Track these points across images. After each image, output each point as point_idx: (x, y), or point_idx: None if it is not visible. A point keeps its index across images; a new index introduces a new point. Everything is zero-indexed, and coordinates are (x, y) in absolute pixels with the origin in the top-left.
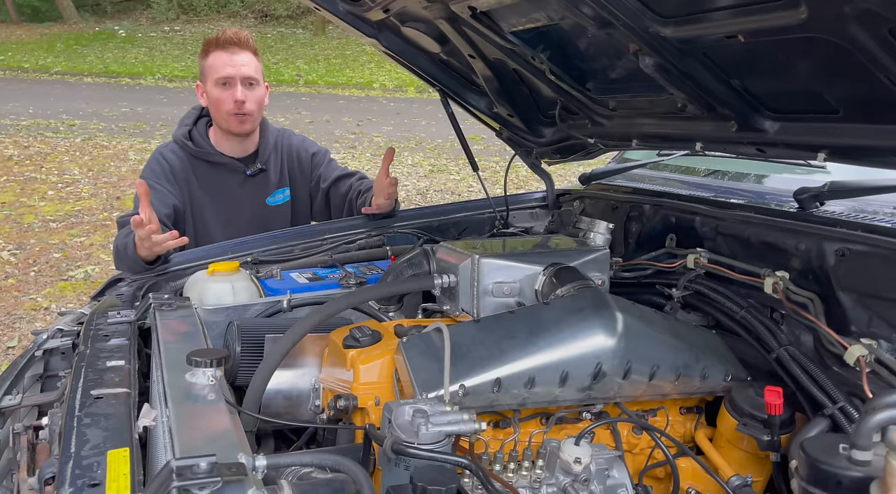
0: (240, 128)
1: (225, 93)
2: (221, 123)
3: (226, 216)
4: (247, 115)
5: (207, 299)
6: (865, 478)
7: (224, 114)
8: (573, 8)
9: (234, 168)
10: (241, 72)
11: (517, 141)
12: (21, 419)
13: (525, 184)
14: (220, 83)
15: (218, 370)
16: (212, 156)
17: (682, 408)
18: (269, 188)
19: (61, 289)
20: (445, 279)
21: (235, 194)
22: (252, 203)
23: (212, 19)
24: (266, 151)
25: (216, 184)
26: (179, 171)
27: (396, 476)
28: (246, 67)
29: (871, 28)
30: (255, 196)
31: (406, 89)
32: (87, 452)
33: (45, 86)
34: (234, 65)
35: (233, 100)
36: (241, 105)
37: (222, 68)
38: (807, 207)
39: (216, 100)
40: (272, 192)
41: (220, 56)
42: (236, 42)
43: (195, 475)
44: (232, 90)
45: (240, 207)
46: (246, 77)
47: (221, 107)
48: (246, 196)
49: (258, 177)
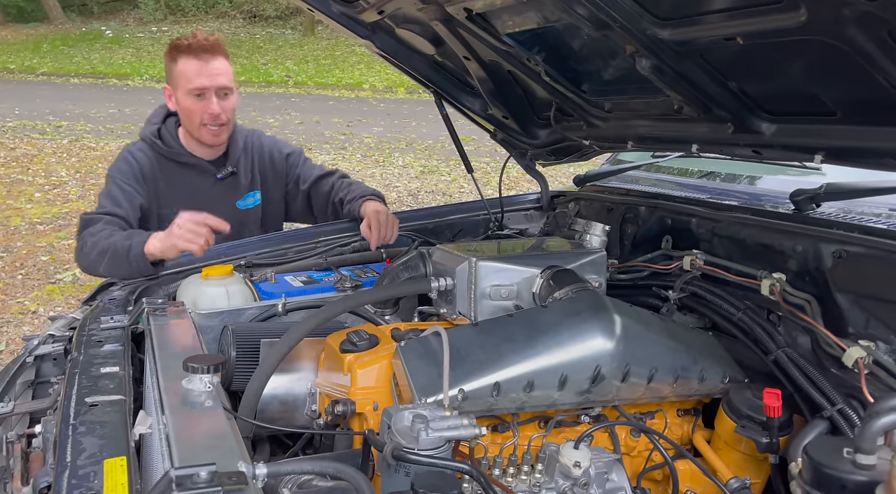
0: (214, 140)
1: (199, 104)
2: (193, 133)
3: None
4: (222, 127)
5: (201, 303)
6: (870, 482)
7: (197, 126)
8: (570, 10)
9: (204, 169)
10: (216, 82)
11: (512, 142)
12: (13, 427)
13: (516, 184)
14: (194, 94)
15: (215, 376)
16: (182, 156)
17: (679, 411)
18: (240, 191)
19: (49, 293)
20: (442, 282)
21: (205, 197)
22: (222, 207)
23: (200, 19)
24: (236, 153)
25: (186, 186)
26: (148, 171)
27: (396, 483)
28: (221, 77)
29: (871, 30)
30: (226, 199)
31: (396, 90)
32: (83, 461)
33: (32, 87)
34: (209, 75)
35: (207, 113)
36: (217, 117)
37: (196, 78)
38: (803, 209)
39: (189, 111)
40: (242, 196)
41: (192, 64)
42: (209, 48)
43: (195, 484)
44: (206, 102)
45: (210, 210)
46: (221, 87)
47: (194, 118)
48: (216, 199)
49: (228, 181)
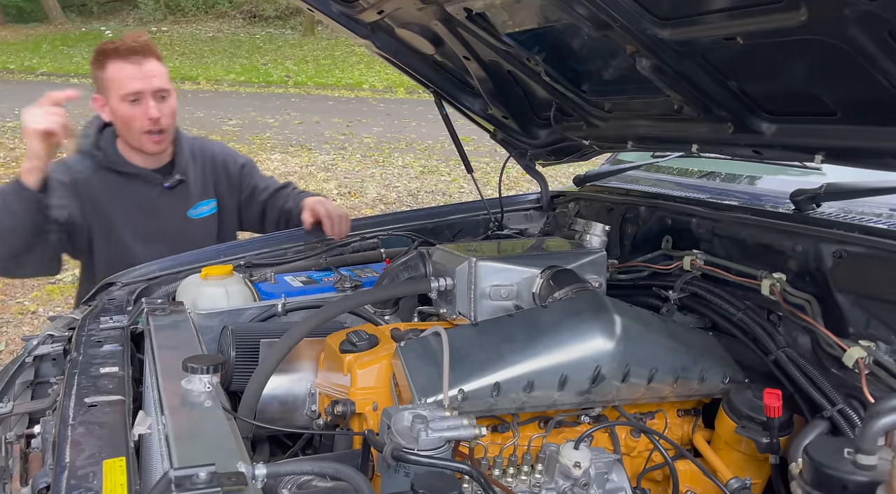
0: (156, 148)
1: (136, 109)
2: (132, 142)
3: (144, 231)
4: (163, 132)
5: (201, 303)
6: (870, 482)
7: (136, 133)
8: (570, 10)
9: (149, 179)
10: (152, 85)
11: (511, 142)
12: (12, 427)
13: (515, 184)
14: (129, 99)
15: (214, 376)
16: (123, 166)
17: (679, 411)
18: (191, 200)
19: (49, 293)
20: (442, 282)
21: (153, 208)
22: (173, 217)
23: (199, 20)
24: (183, 161)
25: (130, 198)
26: (83, 184)
27: (396, 483)
28: (157, 78)
29: (872, 30)
30: (176, 209)
31: (396, 90)
32: (82, 462)
33: (31, 87)
34: (144, 77)
35: (146, 118)
36: (157, 122)
37: (130, 82)
38: (803, 209)
39: (126, 118)
40: (194, 205)
41: (123, 68)
42: (140, 50)
43: (195, 485)
44: (143, 106)
45: (159, 222)
46: (158, 90)
47: (132, 125)
48: (165, 209)
49: (177, 189)
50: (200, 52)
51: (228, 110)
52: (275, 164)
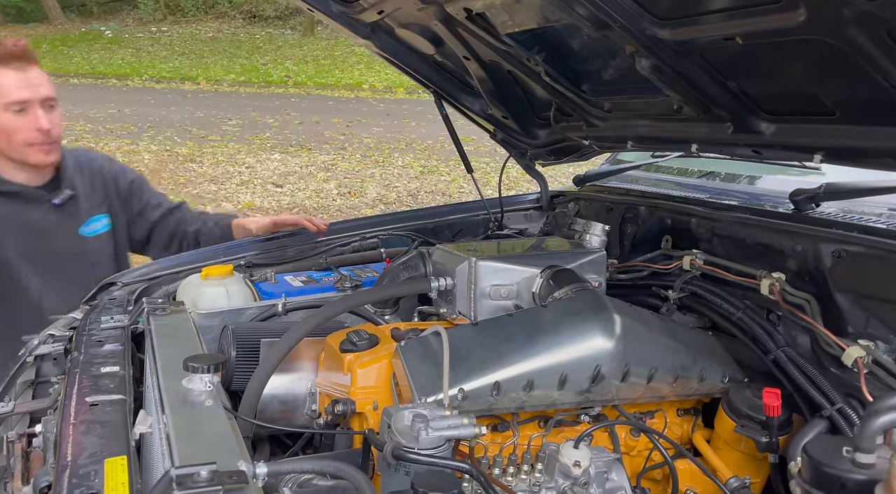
0: (46, 160)
1: (22, 120)
2: (15, 155)
3: (30, 253)
4: (54, 143)
5: (201, 303)
6: (869, 481)
7: (21, 145)
8: (570, 10)
9: (33, 197)
10: (39, 93)
11: (511, 142)
12: (13, 426)
13: (515, 184)
14: (14, 109)
15: (215, 375)
16: (2, 184)
17: (679, 410)
18: (81, 216)
19: None
20: (442, 282)
21: (39, 228)
22: (62, 236)
23: (199, 20)
24: (69, 175)
25: (12, 219)
26: None
27: (396, 482)
28: (43, 87)
29: (870, 30)
30: (66, 227)
31: (396, 90)
32: (83, 460)
33: None
34: (30, 85)
35: (35, 129)
36: (48, 133)
37: (15, 91)
38: (803, 209)
39: (11, 129)
40: (85, 220)
41: (6, 75)
42: (21, 56)
43: (196, 483)
44: (31, 116)
45: (48, 243)
46: (45, 98)
47: (18, 136)
48: (53, 229)
49: (67, 206)
50: (200, 53)
51: (228, 110)
52: (275, 164)
